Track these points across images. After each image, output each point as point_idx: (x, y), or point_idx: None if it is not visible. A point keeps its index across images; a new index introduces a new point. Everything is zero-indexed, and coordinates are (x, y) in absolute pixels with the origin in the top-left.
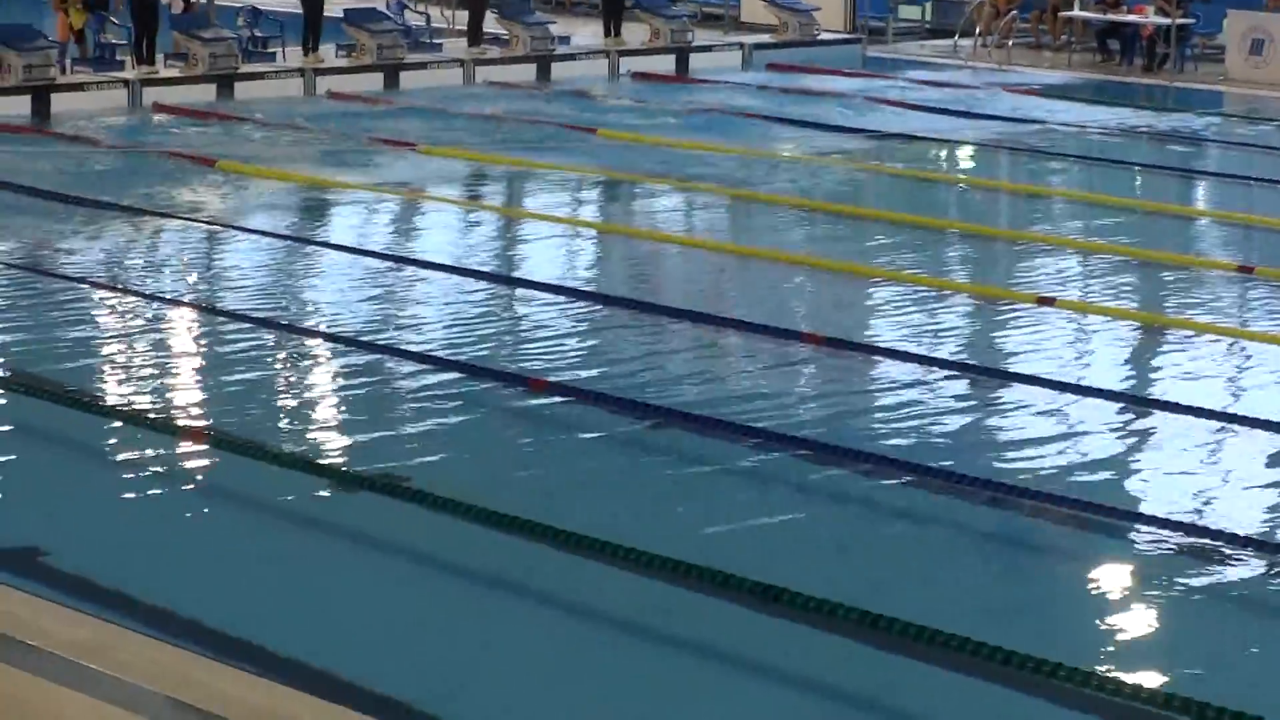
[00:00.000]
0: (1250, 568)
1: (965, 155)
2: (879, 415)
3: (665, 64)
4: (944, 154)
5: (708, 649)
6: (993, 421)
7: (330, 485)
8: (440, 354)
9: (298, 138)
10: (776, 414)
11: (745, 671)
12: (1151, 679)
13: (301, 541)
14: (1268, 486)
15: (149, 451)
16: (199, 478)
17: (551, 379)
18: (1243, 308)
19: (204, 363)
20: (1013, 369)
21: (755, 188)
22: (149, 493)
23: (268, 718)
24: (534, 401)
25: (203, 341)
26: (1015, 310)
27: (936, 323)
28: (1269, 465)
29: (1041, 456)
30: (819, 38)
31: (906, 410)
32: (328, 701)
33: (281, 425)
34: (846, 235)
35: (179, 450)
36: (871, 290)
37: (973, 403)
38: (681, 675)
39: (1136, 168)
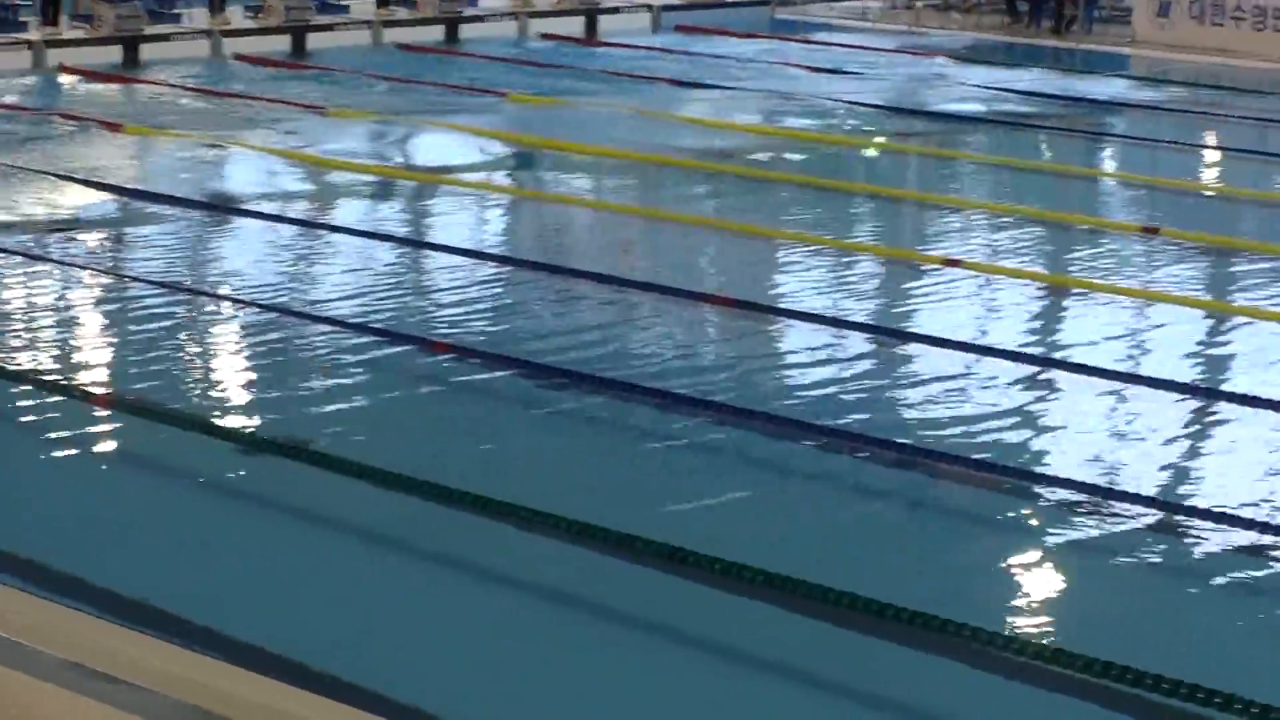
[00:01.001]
0: (1150, 526)
1: (871, 118)
2: (785, 376)
3: (574, 26)
4: (850, 117)
5: (617, 612)
6: (899, 382)
7: (232, 449)
8: (345, 317)
9: (205, 100)
10: (684, 376)
11: (654, 634)
12: (1052, 637)
13: (201, 504)
14: (1169, 445)
15: (47, 416)
16: (102, 443)
17: (455, 342)
18: (1147, 268)
19: (104, 327)
20: (920, 330)
21: (663, 151)
22: (42, 456)
23: (166, 679)
24: (439, 363)
25: (102, 306)
26: (923, 271)
27: (844, 284)
28: (1171, 425)
29: (947, 416)
30: (728, 0)
31: (813, 371)
32: (231, 664)
33: (183, 389)
34: (753, 198)
35: (78, 414)
36: (779, 252)
37: (880, 363)
38: (594, 639)
39: (1043, 130)
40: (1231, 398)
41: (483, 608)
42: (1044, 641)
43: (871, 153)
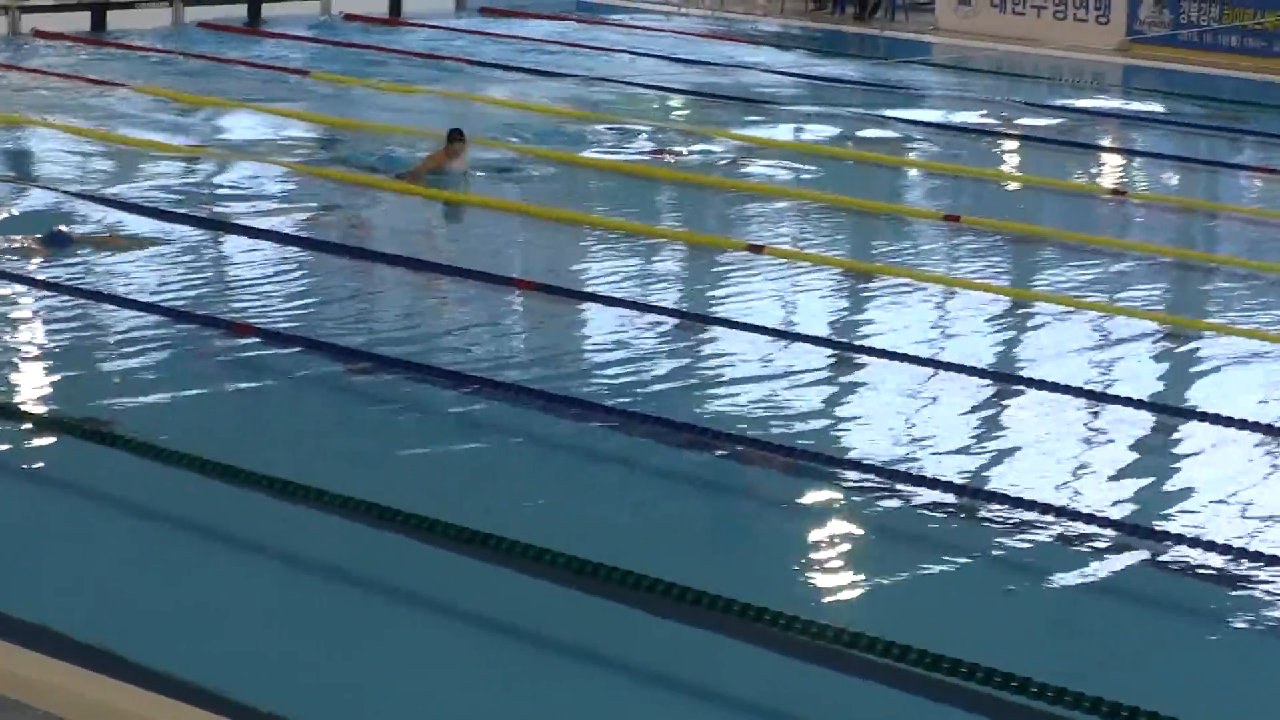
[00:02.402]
0: (949, 509)
1: (673, 102)
2: (589, 360)
3: (379, 6)
4: (653, 101)
5: (412, 594)
6: (702, 367)
7: (30, 430)
8: (144, 298)
9: (3, 78)
10: (487, 359)
11: (451, 616)
12: (852, 620)
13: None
14: (970, 429)
15: None
16: None
17: (256, 324)
18: (949, 255)
19: None
20: (723, 315)
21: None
22: None
23: None
24: (240, 346)
25: None
26: (726, 257)
27: (648, 270)
28: (971, 409)
29: (750, 401)
30: None
31: (617, 355)
32: (31, 651)
33: None
34: (558, 183)
35: None
36: (583, 238)
37: (683, 348)
38: (385, 619)
39: (845, 116)
40: (1030, 383)
41: (272, 587)
42: (843, 625)
43: (676, 136)
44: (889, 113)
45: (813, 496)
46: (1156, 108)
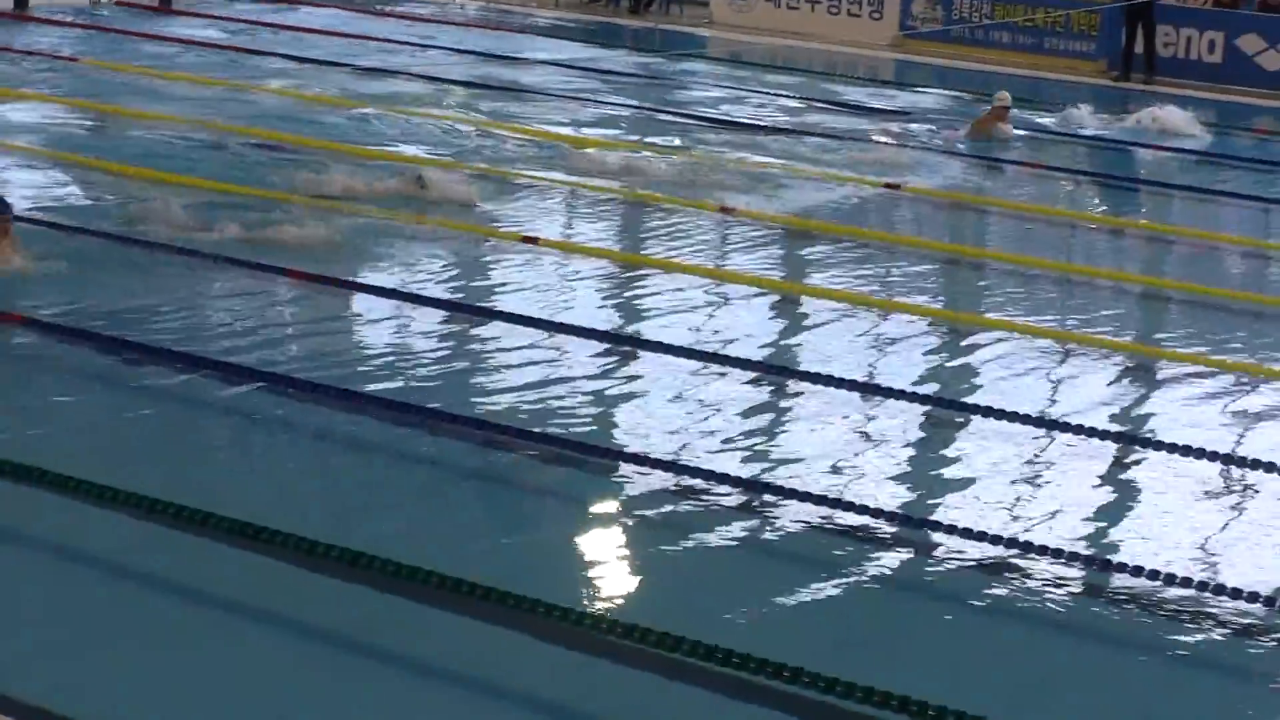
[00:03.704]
0: (727, 502)
1: (445, 92)
2: (361, 353)
3: None
4: (425, 91)
5: (190, 589)
6: (476, 360)
7: None
8: None
9: None
10: (258, 351)
11: (230, 611)
12: (630, 614)
13: None
14: (742, 422)
15: None
16: None
17: (24, 314)
18: (723, 247)
19: None
20: (497, 307)
21: (229, 119)
22: None
23: None
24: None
25: None
26: (500, 249)
27: (420, 261)
28: (745, 401)
29: (524, 394)
30: None
31: (388, 348)
32: None
33: None
34: (324, 170)
35: None
36: (352, 227)
37: (456, 341)
38: (164, 614)
39: (619, 108)
40: (805, 376)
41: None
42: (619, 618)
43: (446, 126)
44: (662, 105)
45: (590, 490)
46: (928, 103)
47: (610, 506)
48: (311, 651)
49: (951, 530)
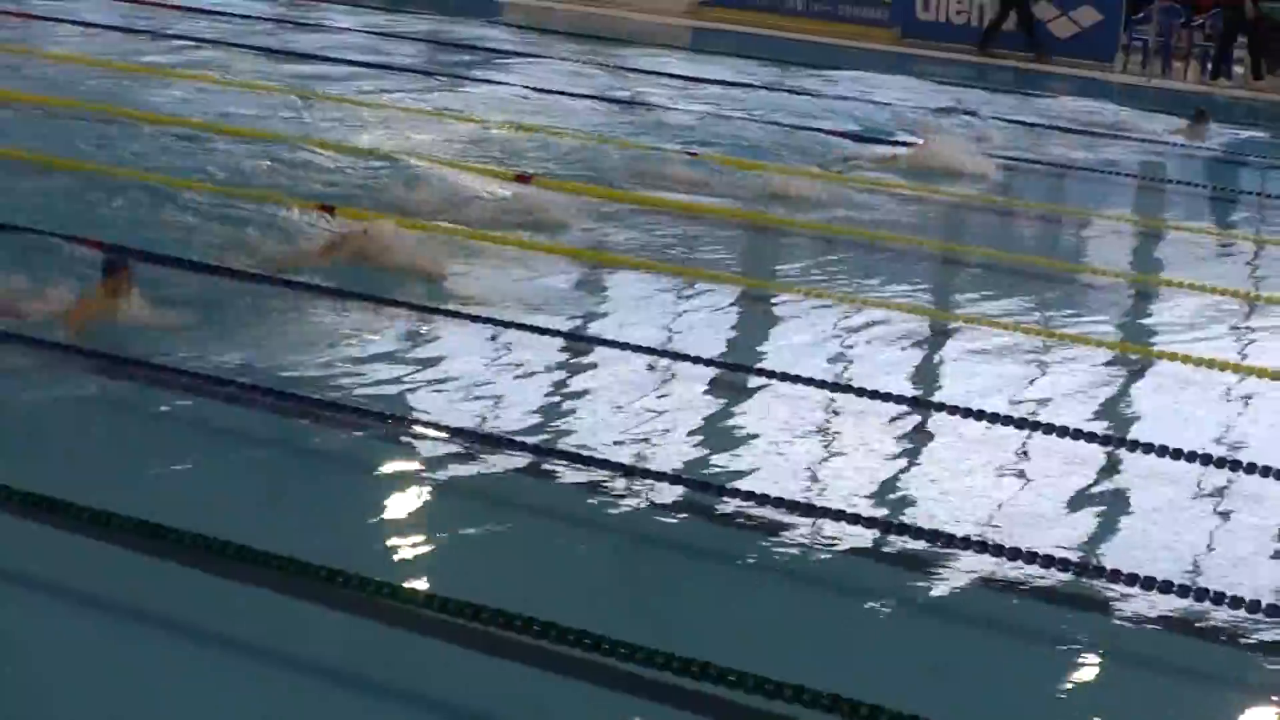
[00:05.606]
0: (526, 469)
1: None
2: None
3: None
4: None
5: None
6: (282, 329)
7: None
8: None
9: None
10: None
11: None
12: (438, 586)
13: None
14: (543, 387)
15: None
16: None
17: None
18: (521, 214)
19: None
20: (300, 279)
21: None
22: None
23: None
24: None
25: None
26: (308, 219)
27: (236, 231)
28: (544, 368)
29: (329, 364)
30: None
31: (195, 322)
32: None
33: None
34: (185, 148)
35: None
36: (170, 200)
37: (266, 312)
38: None
39: (416, 74)
40: (602, 342)
41: None
42: (426, 589)
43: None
44: (456, 73)
45: (394, 458)
46: (724, 72)
47: (412, 476)
48: (112, 624)
49: (735, 493)
